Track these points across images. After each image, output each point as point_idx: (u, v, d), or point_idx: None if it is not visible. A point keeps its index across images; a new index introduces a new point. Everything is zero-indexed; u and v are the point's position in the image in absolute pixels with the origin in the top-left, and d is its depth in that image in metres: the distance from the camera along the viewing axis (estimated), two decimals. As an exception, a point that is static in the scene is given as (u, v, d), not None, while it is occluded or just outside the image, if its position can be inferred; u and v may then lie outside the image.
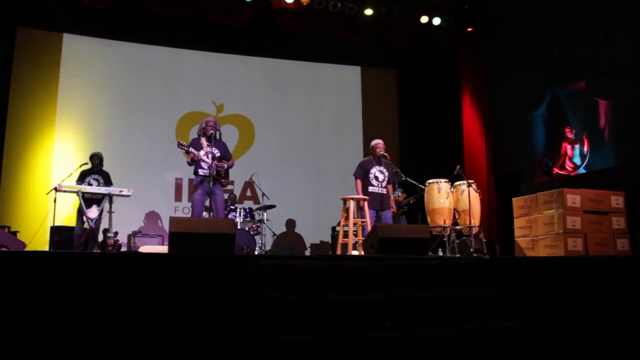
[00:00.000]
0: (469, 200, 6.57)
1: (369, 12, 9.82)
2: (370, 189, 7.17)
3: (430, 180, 6.92)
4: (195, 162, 6.79)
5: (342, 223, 6.99)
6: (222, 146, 7.03)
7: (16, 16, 9.16)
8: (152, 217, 9.74)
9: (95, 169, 8.02)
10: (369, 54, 11.04)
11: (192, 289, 3.73)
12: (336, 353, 3.47)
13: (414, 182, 7.65)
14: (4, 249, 5.53)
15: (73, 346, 3.40)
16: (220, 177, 6.84)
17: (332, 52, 10.90)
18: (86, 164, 7.94)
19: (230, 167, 7.04)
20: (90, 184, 7.78)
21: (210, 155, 6.76)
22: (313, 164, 10.92)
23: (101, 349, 3.44)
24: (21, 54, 9.32)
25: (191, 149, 6.69)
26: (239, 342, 3.66)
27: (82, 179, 7.85)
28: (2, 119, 8.92)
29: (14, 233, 7.28)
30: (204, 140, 6.86)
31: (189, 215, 9.49)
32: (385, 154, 7.33)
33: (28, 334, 3.34)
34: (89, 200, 7.35)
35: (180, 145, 6.74)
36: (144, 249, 7.38)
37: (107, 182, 7.99)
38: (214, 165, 6.71)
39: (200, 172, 6.80)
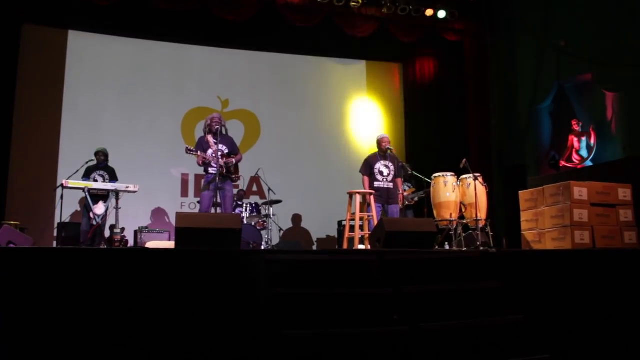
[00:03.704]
0: (476, 193, 6.54)
1: (373, 6, 9.79)
2: (376, 184, 7.18)
3: (437, 174, 6.89)
4: (205, 164, 6.83)
5: (348, 217, 6.98)
6: (229, 142, 7.05)
7: (22, 13, 9.18)
8: (158, 213, 9.77)
9: (101, 165, 8.03)
10: (374, 48, 11.01)
11: (199, 285, 3.74)
12: (343, 347, 3.47)
13: (420, 176, 7.64)
14: (12, 245, 5.57)
15: (81, 341, 3.41)
16: (230, 173, 6.86)
17: (337, 46, 10.88)
18: (92, 160, 7.97)
19: (238, 161, 7.05)
20: (95, 180, 7.79)
21: (218, 154, 6.77)
22: (319, 158, 10.92)
23: (109, 343, 3.45)
24: (27, 51, 9.34)
25: (199, 153, 6.71)
26: (246, 338, 3.67)
27: (87, 175, 7.87)
28: (9, 116, 8.95)
29: (22, 230, 7.31)
30: (210, 138, 6.89)
31: (195, 210, 9.52)
32: (391, 148, 7.33)
33: (36, 330, 3.36)
34: (94, 196, 7.38)
35: (188, 151, 6.74)
36: (151, 244, 7.40)
37: (113, 178, 8.00)
38: (222, 164, 6.73)
39: (211, 170, 6.82)
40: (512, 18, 10.20)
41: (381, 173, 7.23)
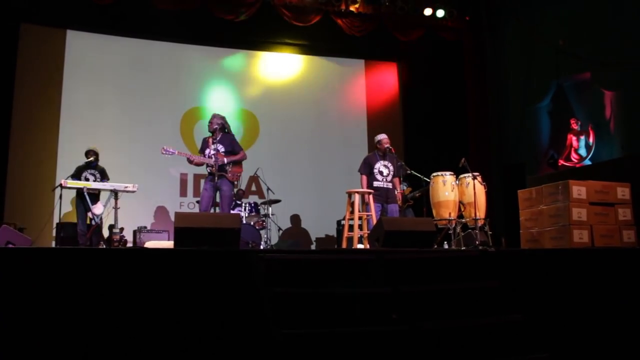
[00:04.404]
0: (474, 192, 6.55)
1: (372, 4, 9.79)
2: (376, 183, 7.18)
3: (435, 173, 6.90)
4: (191, 162, 6.95)
5: (347, 217, 6.98)
6: (227, 140, 7.07)
7: (20, 13, 9.16)
8: (157, 212, 9.76)
9: (92, 164, 7.96)
10: (373, 47, 11.02)
11: (198, 284, 3.74)
12: (342, 347, 3.47)
13: (419, 175, 7.64)
14: (10, 245, 5.56)
15: (80, 341, 3.41)
16: (222, 171, 6.86)
17: (336, 45, 10.88)
18: (91, 161, 7.92)
19: (236, 160, 7.03)
20: (87, 179, 7.75)
21: (212, 152, 6.84)
22: (318, 158, 10.91)
23: (108, 343, 3.45)
24: (25, 51, 9.32)
25: (178, 152, 6.92)
26: (245, 337, 3.67)
27: (77, 175, 7.78)
28: (7, 115, 8.93)
29: (21, 230, 7.31)
30: (210, 139, 7.00)
31: (194, 210, 9.53)
32: (390, 147, 7.34)
33: (35, 330, 3.36)
34: (89, 195, 7.35)
35: (163, 152, 6.86)
36: (150, 244, 7.40)
37: (104, 177, 7.93)
38: (212, 163, 6.80)
39: (208, 168, 6.95)
40: (510, 17, 10.20)
41: (381, 173, 7.23)
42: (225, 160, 6.87)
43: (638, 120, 7.81)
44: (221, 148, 6.93)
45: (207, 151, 6.94)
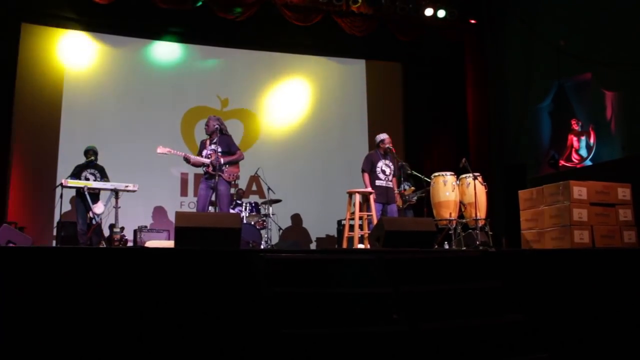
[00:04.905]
0: (475, 193, 6.55)
1: (372, 4, 9.78)
2: (377, 182, 7.18)
3: (436, 173, 6.91)
4: (188, 162, 6.99)
5: (347, 217, 6.99)
6: (224, 141, 7.08)
7: (21, 12, 9.17)
8: (158, 212, 9.76)
9: (92, 163, 7.92)
10: (374, 47, 11.01)
11: (199, 284, 3.73)
12: (343, 347, 3.47)
13: (420, 175, 7.65)
14: (11, 244, 5.56)
15: (80, 340, 3.41)
16: (218, 171, 6.86)
17: (337, 45, 10.88)
18: (91, 160, 7.91)
19: (233, 161, 7.04)
20: (87, 179, 7.74)
21: (209, 153, 6.91)
22: (318, 157, 10.91)
23: (108, 343, 3.45)
24: (26, 51, 9.32)
25: (173, 151, 6.91)
26: (245, 337, 3.66)
27: (77, 174, 7.75)
28: (8, 115, 8.93)
29: (21, 229, 7.30)
30: (207, 141, 7.09)
31: (194, 210, 9.52)
32: (391, 147, 7.36)
33: (36, 329, 3.36)
34: (89, 194, 7.34)
35: (159, 152, 6.89)
36: (150, 243, 7.40)
37: (103, 176, 7.90)
38: (211, 162, 6.82)
39: (204, 169, 7.00)
40: (512, 17, 10.20)
41: (383, 172, 7.25)
42: (222, 160, 6.88)
43: (639, 121, 7.80)
44: (218, 149, 6.95)
45: (204, 152, 7.00)
